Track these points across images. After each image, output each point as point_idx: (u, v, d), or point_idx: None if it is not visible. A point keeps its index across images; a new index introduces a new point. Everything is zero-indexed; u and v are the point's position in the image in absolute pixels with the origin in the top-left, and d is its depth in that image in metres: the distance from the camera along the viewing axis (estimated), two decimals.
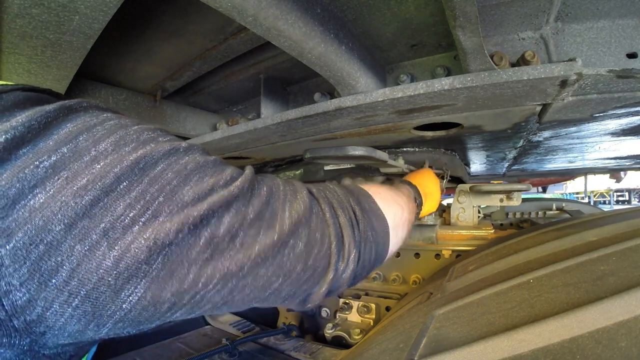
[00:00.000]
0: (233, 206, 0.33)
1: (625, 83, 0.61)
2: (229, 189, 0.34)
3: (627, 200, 15.33)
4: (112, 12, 0.52)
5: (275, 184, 0.43)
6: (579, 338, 0.34)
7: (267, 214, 0.37)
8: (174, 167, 0.31)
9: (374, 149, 0.78)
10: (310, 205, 0.43)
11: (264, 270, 0.35)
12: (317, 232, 0.41)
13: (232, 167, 0.39)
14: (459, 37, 0.53)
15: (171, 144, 0.33)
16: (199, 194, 0.31)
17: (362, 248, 0.48)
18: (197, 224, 0.30)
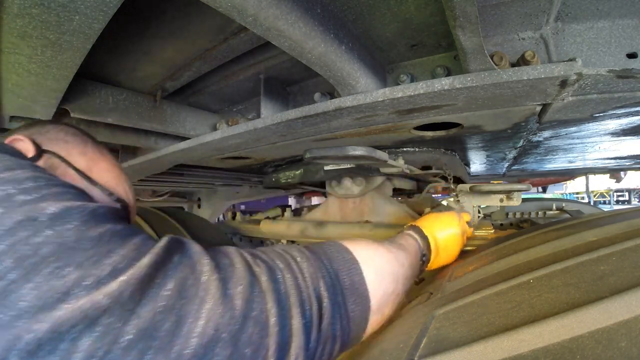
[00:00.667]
0: (100, 323, 0.22)
1: (625, 83, 0.61)
2: (99, 292, 0.23)
3: (627, 200, 15.34)
4: (112, 12, 0.52)
5: (198, 271, 0.30)
6: (579, 338, 0.34)
7: (164, 327, 0.25)
8: (18, 250, 0.21)
9: (374, 149, 0.78)
10: (248, 305, 0.31)
11: None
12: (247, 348, 0.29)
13: (131, 245, 0.28)
14: (459, 37, 0.53)
15: (32, 207, 0.24)
16: (45, 302, 0.21)
17: (318, 352, 0.37)
18: (32, 353, 0.19)
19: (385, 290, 0.50)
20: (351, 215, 1.52)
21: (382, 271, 0.52)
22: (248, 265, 0.35)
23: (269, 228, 1.63)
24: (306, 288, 0.38)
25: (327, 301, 0.39)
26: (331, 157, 0.93)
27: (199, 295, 0.28)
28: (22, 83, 0.69)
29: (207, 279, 0.30)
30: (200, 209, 2.58)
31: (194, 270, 0.30)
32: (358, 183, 1.44)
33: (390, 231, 1.29)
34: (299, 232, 1.52)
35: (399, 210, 1.43)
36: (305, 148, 1.01)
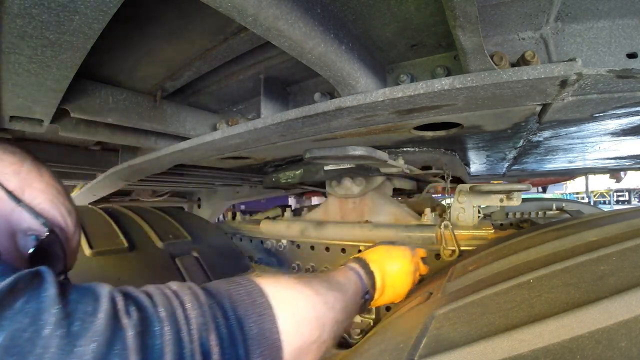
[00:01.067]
0: None
1: (625, 83, 0.61)
2: None
3: (627, 200, 15.34)
4: (112, 12, 0.52)
5: (41, 322, 0.25)
6: (579, 338, 0.34)
7: None
8: None
9: (374, 149, 0.78)
10: None
11: None
12: None
13: None
14: (459, 37, 0.53)
15: None
16: None
17: None
18: None
19: (306, 338, 0.45)
20: (351, 215, 1.52)
21: (304, 317, 0.46)
22: (114, 316, 0.30)
23: (269, 228, 1.63)
24: (190, 342, 0.33)
25: (217, 357, 0.34)
26: (331, 157, 0.93)
27: (35, 352, 0.24)
28: (22, 83, 0.69)
29: (50, 333, 0.25)
30: (200, 209, 2.58)
31: (35, 321, 0.25)
32: (358, 183, 1.44)
33: (390, 231, 1.30)
34: (299, 232, 1.52)
35: (399, 210, 1.43)
36: (306, 148, 1.01)
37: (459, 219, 1.29)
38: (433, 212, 1.36)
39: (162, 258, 1.26)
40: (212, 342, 0.35)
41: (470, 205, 1.28)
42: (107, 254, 1.14)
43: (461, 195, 1.28)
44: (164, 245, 1.32)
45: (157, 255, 1.27)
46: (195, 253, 1.38)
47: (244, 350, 0.37)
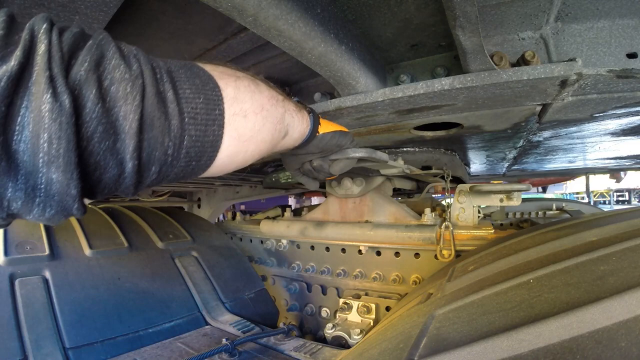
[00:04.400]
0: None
1: (625, 83, 0.61)
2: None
3: (627, 200, 15.34)
4: (112, 12, 0.52)
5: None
6: (579, 338, 0.34)
7: None
8: None
9: (374, 150, 0.78)
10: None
11: None
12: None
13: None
14: (459, 37, 0.53)
15: None
16: None
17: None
18: None
19: (248, 127, 0.46)
20: (351, 215, 1.52)
21: (250, 107, 0.46)
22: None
23: (269, 228, 1.63)
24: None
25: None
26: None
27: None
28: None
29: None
30: (200, 209, 2.58)
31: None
32: (358, 183, 1.44)
33: (390, 231, 1.30)
34: (299, 232, 1.52)
35: (399, 210, 1.43)
36: None
37: (459, 219, 1.29)
38: (433, 212, 1.36)
39: (162, 258, 1.26)
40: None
41: (470, 205, 1.28)
42: (107, 254, 1.14)
43: (461, 195, 1.28)
44: (164, 245, 1.32)
45: (157, 255, 1.27)
46: (195, 253, 1.38)
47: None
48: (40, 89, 0.27)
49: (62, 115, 0.28)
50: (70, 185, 0.30)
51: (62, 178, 0.29)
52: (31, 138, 0.27)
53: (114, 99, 0.32)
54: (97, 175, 0.33)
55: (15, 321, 0.84)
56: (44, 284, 0.95)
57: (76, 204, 0.31)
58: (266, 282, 1.66)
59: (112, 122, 0.32)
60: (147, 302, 1.07)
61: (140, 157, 0.34)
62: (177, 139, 0.37)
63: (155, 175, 0.37)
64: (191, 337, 1.04)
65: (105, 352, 0.91)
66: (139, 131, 0.33)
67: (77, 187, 0.30)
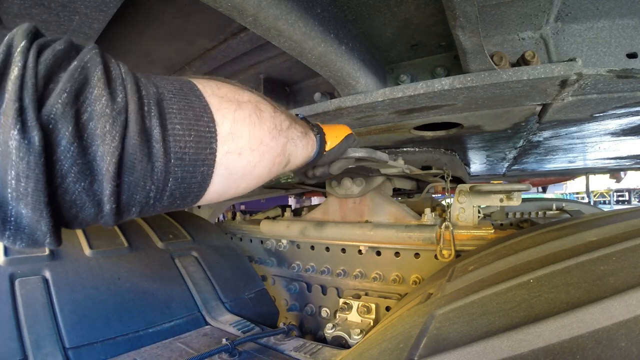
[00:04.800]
0: None
1: (625, 83, 0.61)
2: None
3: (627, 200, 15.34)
4: (112, 12, 0.52)
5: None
6: (579, 338, 0.34)
7: None
8: None
9: (374, 149, 0.78)
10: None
11: None
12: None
13: None
14: (459, 37, 0.53)
15: None
16: None
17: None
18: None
19: (244, 160, 0.42)
20: (351, 215, 1.52)
21: (250, 140, 0.43)
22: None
23: (269, 228, 1.63)
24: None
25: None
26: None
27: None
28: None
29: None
30: (200, 209, 2.58)
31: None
32: (358, 183, 1.44)
33: (390, 231, 1.30)
34: (299, 232, 1.52)
35: (399, 210, 1.43)
36: None
37: (459, 219, 1.29)
38: (433, 212, 1.36)
39: (162, 258, 1.26)
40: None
41: (470, 205, 1.28)
42: (107, 254, 1.14)
43: (461, 195, 1.28)
44: (164, 245, 1.32)
45: (157, 255, 1.27)
46: (195, 253, 1.38)
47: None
48: (8, 122, 0.25)
49: (30, 154, 0.26)
50: (40, 222, 0.28)
51: (31, 215, 0.27)
52: (1, 173, 0.26)
53: (92, 136, 0.29)
54: (73, 212, 0.31)
55: (15, 321, 0.84)
56: (44, 284, 0.95)
57: (48, 238, 0.30)
58: (266, 282, 1.66)
59: (88, 162, 0.29)
60: (147, 302, 1.07)
61: (119, 201, 0.32)
62: (161, 182, 0.34)
63: (136, 214, 0.35)
64: (191, 337, 1.04)
65: (105, 352, 0.91)
66: (116, 175, 0.30)
67: (48, 224, 0.28)
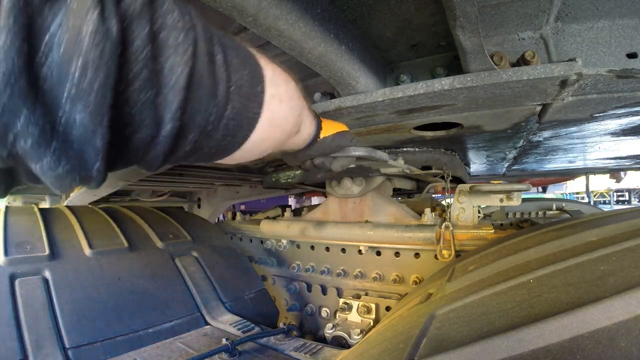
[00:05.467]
0: None
1: (625, 83, 0.61)
2: None
3: (627, 200, 15.34)
4: None
5: None
6: (579, 338, 0.34)
7: None
8: None
9: (374, 149, 0.78)
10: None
11: None
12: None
13: None
14: (459, 37, 0.53)
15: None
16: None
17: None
18: None
19: (282, 128, 0.45)
20: (351, 215, 1.52)
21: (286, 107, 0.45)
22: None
23: (269, 228, 1.63)
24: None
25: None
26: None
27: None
28: None
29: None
30: (200, 209, 2.58)
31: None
32: (358, 183, 1.44)
33: (390, 231, 1.30)
34: (299, 232, 1.52)
35: (399, 210, 1.43)
36: None
37: (459, 219, 1.29)
38: (433, 212, 1.36)
39: (162, 258, 1.26)
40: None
41: (470, 205, 1.28)
42: (107, 254, 1.14)
43: (461, 195, 1.28)
44: (164, 245, 1.32)
45: (157, 255, 1.27)
46: (195, 253, 1.38)
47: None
48: (85, 6, 0.22)
49: (107, 41, 0.23)
50: (96, 133, 0.24)
51: (88, 121, 0.23)
52: (60, 63, 0.22)
53: (163, 46, 0.27)
54: (127, 132, 0.27)
55: (16, 321, 0.84)
56: (44, 284, 0.95)
57: (98, 162, 0.26)
58: (266, 282, 1.66)
59: (157, 71, 0.27)
60: (147, 302, 1.07)
61: (182, 119, 0.29)
62: (221, 107, 0.33)
63: (190, 146, 0.33)
64: (191, 337, 1.04)
65: (105, 352, 0.91)
66: (185, 88, 0.28)
67: (103, 138, 0.25)
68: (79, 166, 0.26)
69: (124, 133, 0.27)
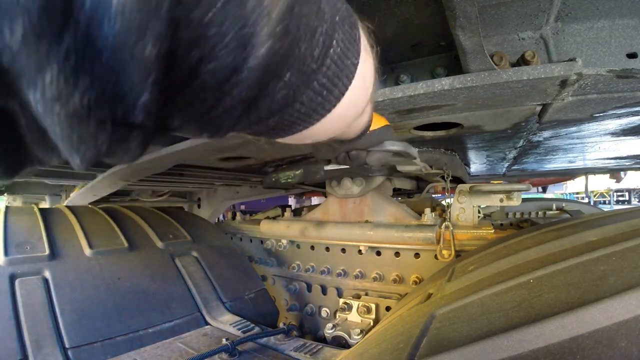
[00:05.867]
0: None
1: (625, 83, 0.61)
2: None
3: (627, 200, 15.33)
4: None
5: None
6: (579, 338, 0.34)
7: None
8: None
9: (409, 144, 0.77)
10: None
11: None
12: None
13: None
14: (459, 37, 0.53)
15: None
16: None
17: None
18: None
19: (361, 102, 0.38)
20: (351, 215, 1.52)
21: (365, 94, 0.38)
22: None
23: (269, 228, 1.63)
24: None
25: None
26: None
27: None
28: None
29: None
30: (200, 209, 2.58)
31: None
32: (358, 183, 1.44)
33: (390, 231, 1.30)
34: (299, 232, 1.52)
35: (399, 210, 1.43)
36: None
37: (459, 219, 1.29)
38: (433, 212, 1.36)
39: (162, 258, 1.26)
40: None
41: (470, 205, 1.28)
42: (107, 254, 1.14)
43: (461, 195, 1.28)
44: (164, 245, 1.32)
45: (157, 255, 1.27)
46: (195, 253, 1.38)
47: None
48: None
49: None
50: (146, 32, 0.15)
51: (131, 6, 0.14)
52: None
53: None
54: (195, 55, 0.17)
55: (16, 321, 0.84)
56: (44, 284, 0.95)
57: (146, 91, 0.16)
58: (266, 282, 1.66)
59: None
60: (147, 302, 1.07)
61: (282, 40, 0.20)
62: (328, 37, 0.24)
63: (282, 93, 0.23)
64: (191, 337, 1.04)
65: (105, 352, 0.91)
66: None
67: (158, 40, 0.15)
68: (112, 93, 0.15)
69: (188, 59, 0.17)
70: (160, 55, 0.15)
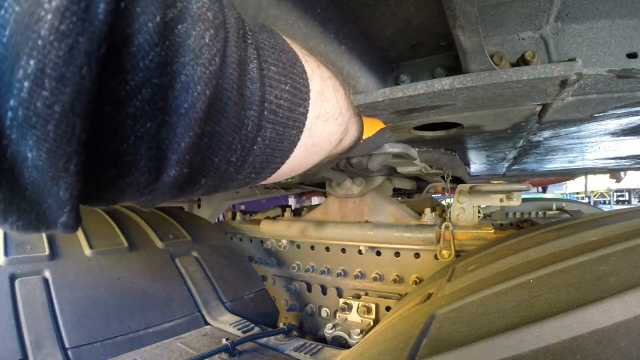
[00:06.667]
0: None
1: (625, 83, 0.61)
2: None
3: (627, 200, 15.33)
4: None
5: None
6: (579, 338, 0.34)
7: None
8: None
9: (409, 146, 0.77)
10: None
11: None
12: None
13: None
14: (459, 37, 0.53)
15: None
16: None
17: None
18: None
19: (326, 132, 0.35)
20: (351, 215, 1.52)
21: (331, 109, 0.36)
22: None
23: (269, 228, 1.63)
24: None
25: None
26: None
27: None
28: None
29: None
30: (200, 209, 2.58)
31: None
32: (358, 183, 1.44)
33: (390, 231, 1.30)
34: (299, 232, 1.52)
35: (399, 210, 1.43)
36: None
37: (459, 219, 1.29)
38: (433, 212, 1.36)
39: (162, 258, 1.26)
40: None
41: (470, 205, 1.28)
42: (107, 254, 1.14)
43: (461, 195, 1.28)
44: (164, 245, 1.32)
45: (157, 255, 1.27)
46: (195, 253, 1.38)
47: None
48: None
49: (84, 29, 0.13)
50: (59, 181, 0.16)
51: (45, 163, 0.15)
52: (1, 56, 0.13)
53: (180, 48, 0.17)
54: (111, 174, 0.18)
55: (16, 321, 0.84)
56: (44, 284, 0.95)
57: (64, 215, 0.17)
58: (266, 282, 1.66)
59: (165, 87, 0.17)
60: (147, 302, 1.07)
61: (192, 163, 0.21)
62: (248, 142, 0.23)
63: (200, 190, 0.24)
64: (191, 337, 1.04)
65: (105, 352, 0.91)
66: (203, 118, 0.19)
67: (70, 187, 0.16)
68: (35, 221, 0.17)
69: (108, 174, 0.18)
70: (73, 195, 0.17)
